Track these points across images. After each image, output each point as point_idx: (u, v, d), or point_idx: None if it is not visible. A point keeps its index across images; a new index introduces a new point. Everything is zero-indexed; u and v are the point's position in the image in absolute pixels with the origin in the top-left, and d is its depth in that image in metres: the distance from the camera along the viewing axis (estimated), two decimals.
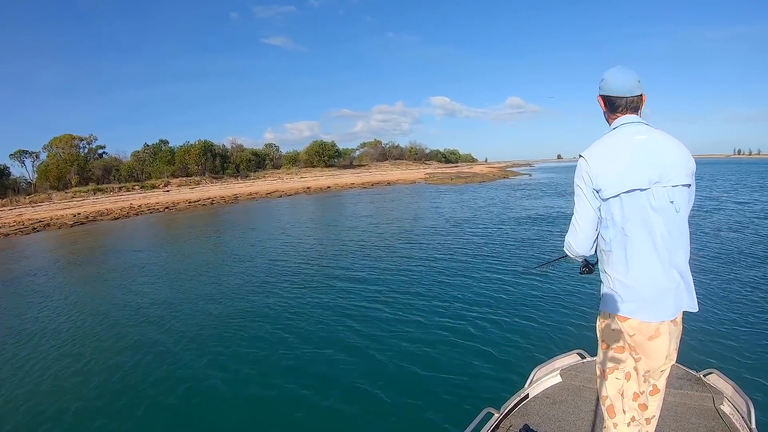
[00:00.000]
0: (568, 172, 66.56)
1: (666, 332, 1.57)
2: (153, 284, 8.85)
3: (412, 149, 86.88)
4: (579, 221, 1.64)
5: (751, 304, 5.75)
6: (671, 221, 1.53)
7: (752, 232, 10.73)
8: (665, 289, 1.54)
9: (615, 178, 1.51)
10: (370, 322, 5.89)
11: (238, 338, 5.58)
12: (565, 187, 30.52)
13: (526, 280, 7.32)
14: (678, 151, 1.56)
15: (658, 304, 1.54)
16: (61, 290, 9.10)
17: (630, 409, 1.70)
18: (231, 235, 15.89)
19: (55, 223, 24.48)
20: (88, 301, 7.91)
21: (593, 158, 1.57)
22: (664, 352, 1.59)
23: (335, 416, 3.77)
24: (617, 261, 1.57)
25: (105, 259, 12.33)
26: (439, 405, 3.79)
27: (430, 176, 52.80)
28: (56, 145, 51.07)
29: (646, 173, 1.51)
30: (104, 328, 6.39)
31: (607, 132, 1.66)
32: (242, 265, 10.08)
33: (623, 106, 1.62)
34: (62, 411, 4.10)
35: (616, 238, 1.56)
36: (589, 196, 1.59)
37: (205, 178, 51.01)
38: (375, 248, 11.15)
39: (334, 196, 33.71)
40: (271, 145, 74.23)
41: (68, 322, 6.78)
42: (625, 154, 1.53)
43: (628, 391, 1.69)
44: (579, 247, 1.66)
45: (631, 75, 1.61)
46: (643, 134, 1.56)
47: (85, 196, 39.71)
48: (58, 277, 10.46)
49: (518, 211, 17.25)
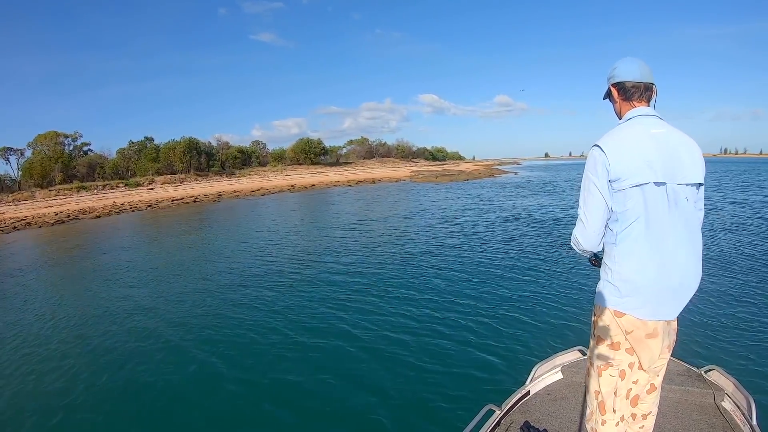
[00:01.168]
0: (556, 170, 67.73)
1: (661, 331, 1.56)
2: (131, 286, 8.84)
3: (399, 147, 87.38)
4: (588, 216, 1.59)
5: (752, 300, 5.85)
6: (685, 219, 1.51)
7: (751, 230, 11.03)
8: (669, 288, 1.51)
9: (634, 168, 1.47)
10: (369, 319, 5.91)
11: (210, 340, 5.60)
12: (551, 186, 31.34)
13: (526, 277, 7.43)
14: (694, 148, 1.55)
15: (659, 303, 1.52)
16: (41, 291, 9.17)
17: (621, 408, 1.68)
18: (212, 233, 16.34)
19: (36, 221, 24.65)
20: (68, 303, 7.89)
21: (611, 147, 1.51)
22: (658, 351, 1.58)
23: (337, 412, 3.80)
24: (622, 255, 1.54)
25: (84, 259, 12.73)
26: (441, 402, 3.83)
27: (416, 174, 53.24)
28: (41, 142, 50.63)
29: (664, 167, 1.48)
30: (85, 329, 6.37)
31: (621, 123, 1.62)
32: (219, 265, 10.24)
33: (638, 94, 1.60)
34: (47, 410, 4.14)
35: (625, 231, 1.52)
36: (602, 189, 1.54)
37: (190, 176, 51.07)
38: (367, 245, 11.30)
39: (318, 194, 34.19)
40: (258, 142, 74.39)
41: (49, 324, 6.75)
42: (645, 146, 1.49)
43: (621, 390, 1.66)
44: (587, 242, 1.62)
45: (644, 63, 1.61)
46: (660, 128, 1.54)
47: (68, 194, 39.64)
48: (38, 277, 10.71)
49: (508, 209, 17.85)
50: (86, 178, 48.62)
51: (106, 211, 28.42)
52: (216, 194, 36.84)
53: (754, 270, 7.41)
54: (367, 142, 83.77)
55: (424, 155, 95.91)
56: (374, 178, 50.12)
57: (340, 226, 15.66)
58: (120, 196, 37.00)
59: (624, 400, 1.67)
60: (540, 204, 19.65)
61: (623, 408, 1.68)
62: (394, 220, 16.39)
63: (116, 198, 35.82)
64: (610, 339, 1.60)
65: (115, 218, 25.52)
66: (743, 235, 10.48)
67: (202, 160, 55.78)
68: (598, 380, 1.68)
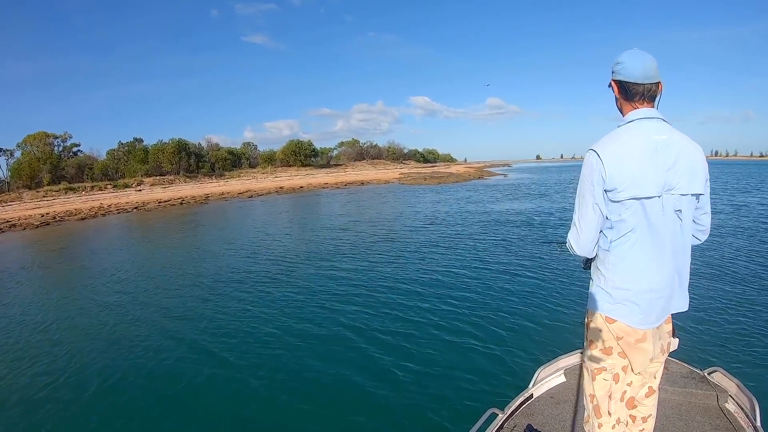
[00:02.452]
0: (548, 172, 68.09)
1: (651, 336, 1.56)
2: (104, 293, 8.72)
3: (390, 149, 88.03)
4: (582, 223, 1.57)
5: (755, 302, 5.91)
6: (677, 230, 1.50)
7: (752, 232, 11.21)
8: (658, 298, 1.52)
9: (630, 180, 1.43)
10: (372, 322, 5.94)
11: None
12: (536, 188, 31.82)
13: (528, 280, 7.47)
14: (697, 157, 1.50)
15: (648, 312, 1.52)
16: (21, 296, 9.15)
17: (616, 411, 1.68)
18: (198, 236, 16.64)
19: (21, 223, 24.82)
20: (50, 306, 7.90)
21: (608, 155, 1.46)
22: (650, 355, 1.57)
23: (339, 417, 3.82)
24: (615, 263, 1.54)
25: (65, 262, 13.02)
26: (444, 405, 3.84)
27: (405, 176, 53.71)
28: (30, 142, 50.56)
29: (662, 179, 1.44)
30: (55, 333, 6.39)
31: (622, 125, 1.54)
32: (198, 269, 10.30)
33: (640, 94, 1.50)
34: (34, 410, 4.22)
35: (620, 240, 1.51)
36: (597, 197, 1.50)
37: (179, 177, 51.23)
38: (366, 249, 11.37)
39: (306, 197, 34.53)
40: (249, 143, 74.59)
41: (30, 329, 6.73)
42: (644, 156, 1.44)
43: (615, 393, 1.66)
44: (580, 249, 1.61)
45: (651, 59, 1.49)
46: (663, 134, 1.47)
47: (56, 195, 39.70)
48: (17, 282, 10.82)
49: (502, 211, 18.25)
50: (75, 179, 48.59)
51: (92, 213, 28.62)
52: (203, 196, 37.13)
53: (756, 271, 7.47)
54: (358, 144, 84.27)
55: (415, 157, 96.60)
56: (363, 180, 50.59)
57: (330, 228, 15.87)
58: (107, 198, 37.16)
59: (619, 403, 1.68)
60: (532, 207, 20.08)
61: (619, 411, 1.68)
62: (389, 223, 16.51)
63: (103, 200, 35.98)
64: (602, 343, 1.61)
65: (101, 220, 25.75)
66: (746, 237, 10.62)
67: (192, 161, 55.88)
68: (592, 384, 1.69)
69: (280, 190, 42.26)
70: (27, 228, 23.58)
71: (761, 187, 27.17)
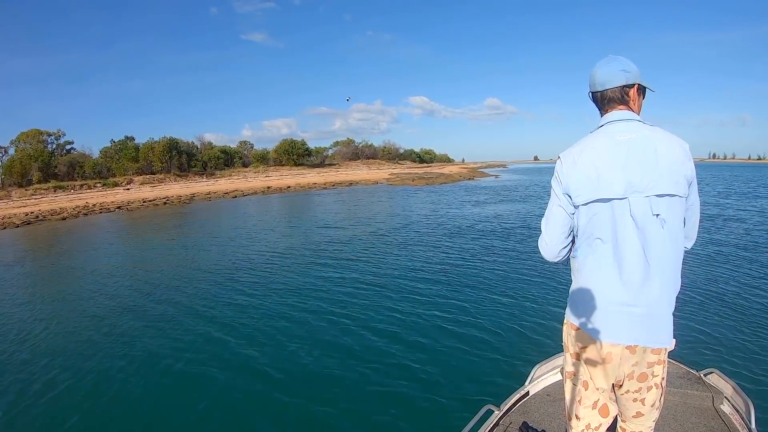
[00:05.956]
0: (541, 173, 68.04)
1: (617, 358, 1.44)
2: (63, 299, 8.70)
3: (385, 149, 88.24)
4: (546, 225, 1.57)
5: (751, 304, 5.96)
6: (653, 237, 1.35)
7: (750, 234, 11.28)
8: (626, 311, 1.40)
9: (587, 184, 1.41)
10: (365, 320, 5.96)
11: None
12: (523, 191, 32.00)
13: (526, 278, 7.57)
14: (670, 153, 1.37)
15: (609, 324, 1.42)
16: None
17: (586, 417, 1.60)
18: (177, 237, 16.88)
19: (3, 222, 25.09)
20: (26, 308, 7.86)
21: (567, 160, 1.47)
22: (613, 374, 1.47)
23: (334, 412, 3.83)
24: (579, 268, 1.51)
25: (32, 263, 13.33)
26: (439, 402, 3.86)
27: (394, 176, 53.96)
28: (23, 140, 51.03)
29: (624, 180, 1.36)
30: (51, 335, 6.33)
31: (593, 130, 1.52)
32: (177, 271, 10.24)
33: (607, 100, 1.50)
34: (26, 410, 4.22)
35: (583, 247, 1.48)
36: (561, 200, 1.50)
37: (170, 176, 51.57)
38: (365, 246, 11.49)
39: (292, 197, 34.72)
40: (245, 142, 75.01)
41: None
42: (602, 158, 1.40)
43: (586, 400, 1.58)
44: (545, 252, 1.59)
45: (613, 65, 1.47)
46: (630, 133, 1.41)
47: (45, 193, 40.08)
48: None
49: (498, 213, 18.23)
50: (66, 177, 48.97)
51: (75, 212, 28.92)
52: (189, 196, 37.38)
53: (753, 274, 7.52)
54: (353, 144, 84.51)
55: (411, 157, 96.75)
56: (351, 181, 50.85)
57: (314, 231, 15.94)
58: (95, 197, 37.50)
59: (591, 410, 1.59)
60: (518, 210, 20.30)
61: (589, 417, 1.60)
62: (385, 223, 16.53)
63: (90, 198, 36.31)
64: (571, 348, 1.59)
65: (82, 220, 26.01)
66: (744, 236, 10.73)
67: (183, 159, 56.13)
68: (564, 386, 1.69)
69: (267, 189, 42.49)
70: (8, 227, 23.85)
71: (760, 191, 26.78)
